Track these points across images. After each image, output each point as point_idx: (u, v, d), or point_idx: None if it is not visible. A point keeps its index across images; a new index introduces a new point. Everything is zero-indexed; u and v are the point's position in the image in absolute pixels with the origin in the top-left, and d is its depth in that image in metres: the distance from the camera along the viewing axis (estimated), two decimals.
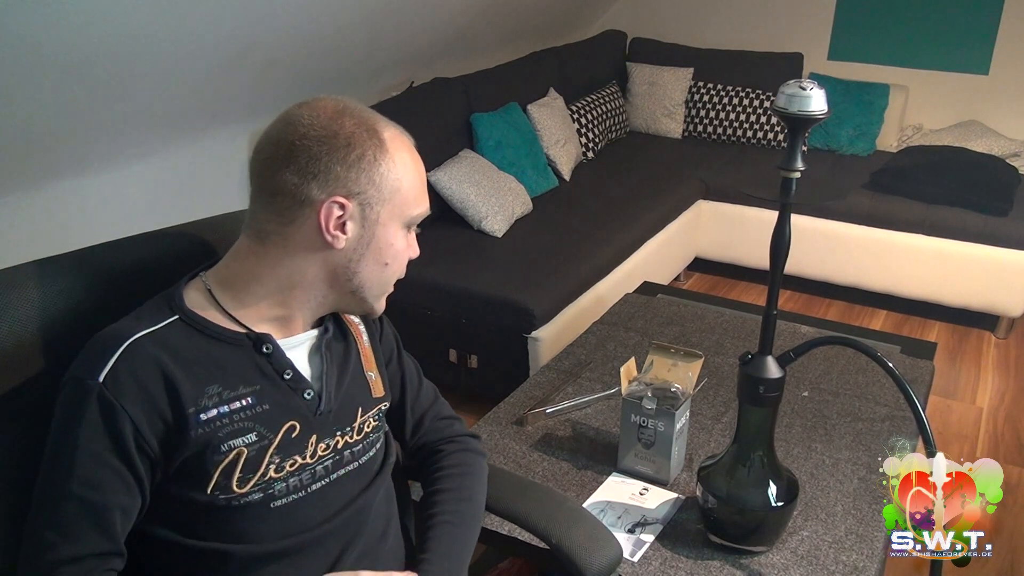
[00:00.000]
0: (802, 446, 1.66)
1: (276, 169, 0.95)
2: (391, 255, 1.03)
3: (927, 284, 3.36)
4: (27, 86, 1.79)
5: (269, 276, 0.99)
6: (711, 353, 2.00)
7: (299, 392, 1.01)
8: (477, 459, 1.23)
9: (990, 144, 3.68)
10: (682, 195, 3.53)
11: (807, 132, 1.23)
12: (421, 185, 1.03)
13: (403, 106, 3.04)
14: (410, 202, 1.01)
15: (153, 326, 0.94)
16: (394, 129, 1.01)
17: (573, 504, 1.28)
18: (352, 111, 0.98)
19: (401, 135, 1.01)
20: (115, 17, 1.78)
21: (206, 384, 0.94)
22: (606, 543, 1.18)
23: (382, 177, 0.97)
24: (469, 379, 2.70)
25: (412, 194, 1.01)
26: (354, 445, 1.07)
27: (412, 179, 1.00)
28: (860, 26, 4.00)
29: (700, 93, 4.11)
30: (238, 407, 0.96)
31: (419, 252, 1.07)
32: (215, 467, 0.94)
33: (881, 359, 1.22)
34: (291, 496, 1.00)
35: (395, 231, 1.01)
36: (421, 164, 1.03)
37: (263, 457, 0.97)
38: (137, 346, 0.92)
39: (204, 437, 0.93)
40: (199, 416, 0.93)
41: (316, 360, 1.05)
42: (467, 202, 2.99)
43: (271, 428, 0.98)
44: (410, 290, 2.73)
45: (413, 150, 1.02)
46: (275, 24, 2.27)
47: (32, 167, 2.05)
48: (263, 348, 0.99)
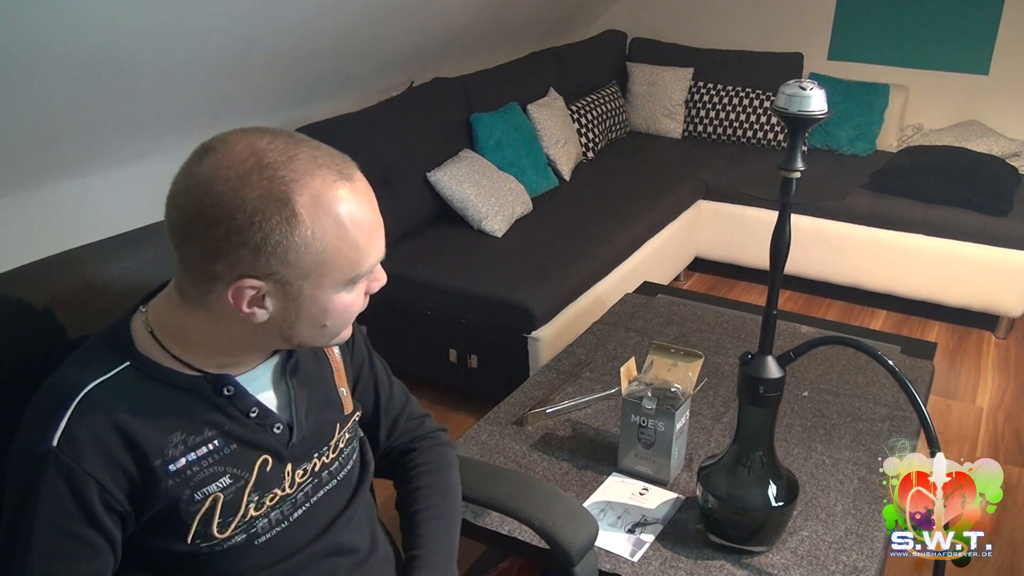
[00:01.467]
0: (802, 446, 1.66)
1: (180, 240, 0.84)
2: (329, 317, 0.90)
3: (927, 284, 3.36)
4: (29, 85, 1.79)
5: (202, 332, 0.90)
6: (711, 353, 2.00)
7: (268, 428, 0.96)
8: (448, 451, 1.24)
9: (990, 144, 3.68)
10: (682, 195, 3.53)
11: (807, 132, 1.23)
12: (360, 241, 0.86)
13: (403, 106, 3.05)
14: (343, 267, 0.86)
15: (104, 375, 0.87)
16: (320, 182, 0.83)
17: (545, 485, 1.34)
18: (266, 167, 0.81)
19: (329, 189, 0.84)
20: (117, 17, 1.78)
21: (169, 433, 0.88)
22: (583, 518, 1.24)
23: (297, 255, 0.83)
24: (469, 379, 2.70)
25: (343, 260, 0.86)
26: (331, 464, 1.04)
27: (341, 245, 0.85)
28: (860, 26, 4.00)
29: (700, 93, 4.11)
30: (205, 452, 0.90)
31: (385, 280, 0.95)
32: (191, 517, 0.90)
33: (882, 358, 1.22)
34: (274, 530, 0.97)
35: (328, 296, 0.88)
36: (364, 212, 0.87)
37: (241, 498, 0.93)
38: (89, 400, 0.85)
39: (176, 488, 0.88)
40: (167, 467, 0.88)
41: (282, 388, 0.99)
42: (467, 202, 2.99)
43: (244, 467, 0.94)
44: (410, 290, 2.75)
45: (350, 201, 0.85)
46: (276, 24, 2.27)
47: (33, 166, 2.05)
48: (224, 391, 0.92)
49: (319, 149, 0.87)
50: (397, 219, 2.90)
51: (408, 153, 2.97)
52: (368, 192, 0.90)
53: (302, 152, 0.84)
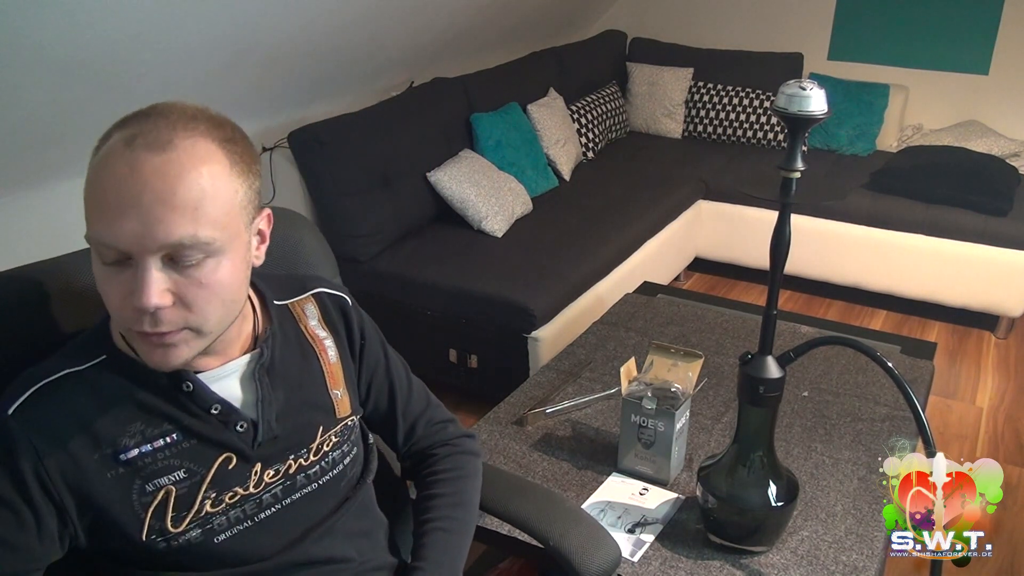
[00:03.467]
0: (802, 446, 1.66)
1: None
2: (99, 284, 0.85)
3: (927, 284, 3.36)
4: (27, 86, 1.79)
5: None
6: (711, 353, 2.00)
7: (231, 425, 0.95)
8: (472, 460, 1.21)
9: (990, 144, 3.68)
10: (682, 195, 3.53)
11: (807, 132, 1.23)
12: (96, 203, 0.81)
13: (403, 106, 3.05)
14: (89, 221, 0.82)
15: (79, 365, 0.90)
16: (121, 128, 0.82)
17: (571, 505, 1.28)
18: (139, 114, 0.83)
19: (120, 132, 0.82)
20: (116, 17, 1.78)
21: (128, 423, 0.90)
22: (604, 544, 1.16)
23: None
24: (469, 379, 2.70)
25: (87, 217, 0.82)
26: (309, 468, 1.01)
27: (88, 195, 0.82)
28: (860, 26, 4.00)
29: (700, 93, 4.11)
30: (162, 444, 0.91)
31: (144, 300, 0.81)
32: (144, 509, 0.89)
33: (881, 359, 1.22)
34: (235, 528, 0.95)
35: (93, 256, 0.85)
36: (117, 179, 0.79)
37: (196, 493, 0.92)
38: (55, 385, 0.88)
39: (125, 477, 0.89)
40: (118, 456, 0.88)
41: (252, 387, 0.97)
42: (467, 202, 2.99)
43: (202, 463, 0.93)
44: (410, 290, 2.75)
45: (111, 160, 0.80)
46: (275, 24, 2.28)
47: (32, 167, 2.05)
48: (183, 387, 0.92)
49: (164, 117, 0.83)
50: (397, 219, 2.90)
51: (408, 153, 2.97)
52: (149, 160, 0.79)
53: (143, 116, 0.83)
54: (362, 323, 1.14)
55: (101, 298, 0.86)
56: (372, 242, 2.82)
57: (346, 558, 1.05)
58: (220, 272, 0.85)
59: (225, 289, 0.86)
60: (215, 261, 0.85)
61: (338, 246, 2.65)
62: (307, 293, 1.10)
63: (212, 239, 0.83)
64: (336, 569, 1.04)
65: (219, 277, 0.85)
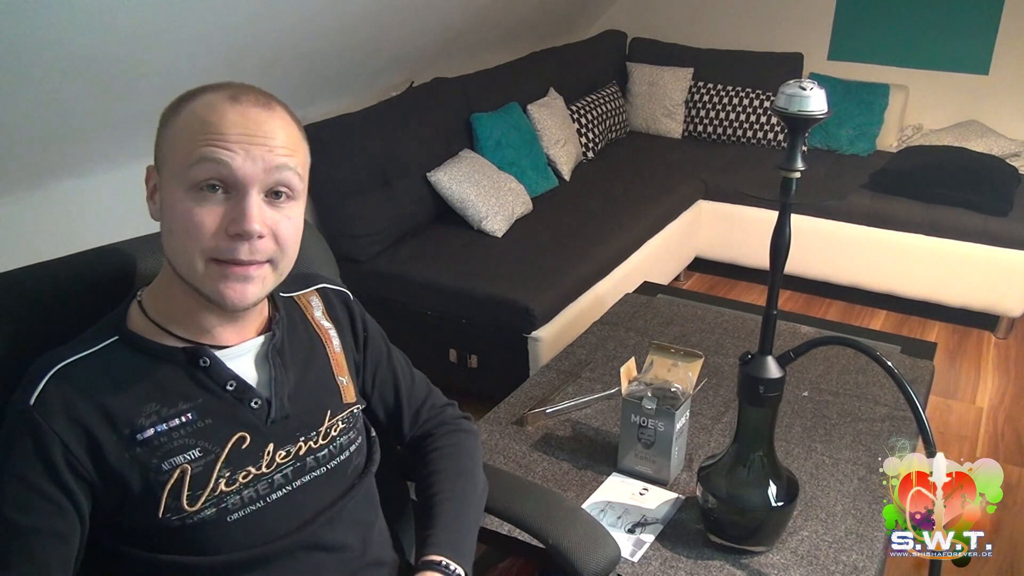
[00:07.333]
0: (802, 446, 1.66)
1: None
2: (173, 219, 0.91)
3: (927, 284, 3.36)
4: (27, 86, 1.79)
5: (172, 287, 0.95)
6: (711, 353, 2.00)
7: (245, 402, 0.98)
8: (468, 438, 1.24)
9: (990, 144, 3.68)
10: (682, 195, 3.53)
11: (807, 132, 1.23)
12: (205, 136, 0.89)
13: (403, 106, 3.05)
14: (183, 160, 0.89)
15: (91, 348, 0.93)
16: (216, 90, 0.92)
17: (571, 504, 1.28)
18: (222, 83, 0.94)
19: (208, 94, 0.92)
20: (117, 17, 1.78)
21: (144, 403, 0.92)
22: (603, 544, 1.17)
23: (165, 138, 0.92)
24: (469, 379, 2.70)
25: (186, 150, 0.89)
26: (319, 451, 1.04)
27: (189, 132, 0.89)
28: (860, 26, 4.00)
29: (700, 93, 4.11)
30: (177, 424, 0.93)
31: (248, 224, 0.89)
32: (161, 488, 0.91)
33: (881, 359, 1.22)
34: (248, 508, 0.97)
35: (174, 193, 0.90)
36: (231, 116, 0.90)
37: (211, 472, 0.94)
38: (68, 369, 0.91)
39: (143, 457, 0.91)
40: (135, 436, 0.91)
41: (266, 368, 1.01)
42: (467, 202, 2.99)
43: (217, 442, 0.95)
44: (410, 290, 2.75)
45: (218, 103, 0.90)
46: (275, 24, 2.28)
47: (32, 167, 2.05)
48: (200, 361, 0.96)
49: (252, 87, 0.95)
50: (397, 219, 2.90)
51: (408, 153, 2.96)
52: (257, 112, 0.92)
53: (228, 84, 0.94)
54: (364, 316, 1.18)
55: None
56: (372, 242, 2.82)
57: (351, 546, 1.07)
58: (297, 217, 0.97)
59: (298, 233, 0.97)
60: (297, 205, 0.96)
61: (338, 246, 2.65)
62: (311, 288, 1.15)
63: (301, 179, 0.96)
64: (340, 557, 1.06)
65: (297, 221, 0.97)
